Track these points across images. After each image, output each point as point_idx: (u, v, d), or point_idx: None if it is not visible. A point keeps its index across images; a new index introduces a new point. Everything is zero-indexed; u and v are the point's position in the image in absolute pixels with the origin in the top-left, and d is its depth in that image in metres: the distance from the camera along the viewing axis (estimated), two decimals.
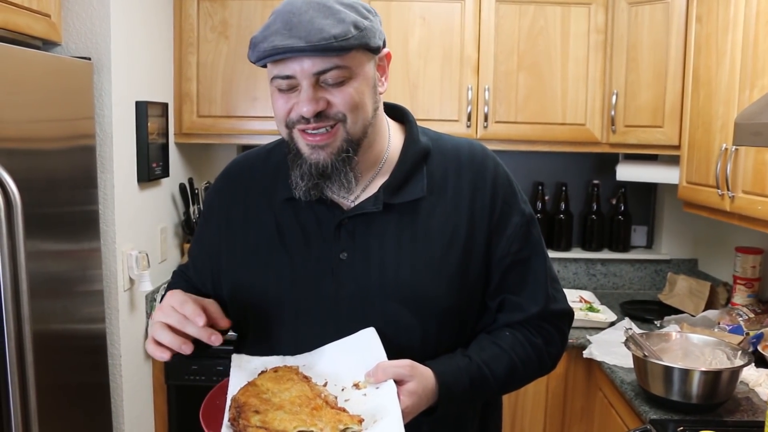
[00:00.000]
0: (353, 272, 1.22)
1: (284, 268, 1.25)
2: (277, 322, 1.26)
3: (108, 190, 2.30)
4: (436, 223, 1.24)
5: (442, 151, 1.30)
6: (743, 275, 2.76)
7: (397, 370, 1.11)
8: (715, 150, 2.35)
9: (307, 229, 1.25)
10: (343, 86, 1.14)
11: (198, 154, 3.22)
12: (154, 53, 2.67)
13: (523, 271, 1.29)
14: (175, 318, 1.12)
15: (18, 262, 1.68)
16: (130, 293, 2.45)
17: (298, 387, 1.10)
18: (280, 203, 1.27)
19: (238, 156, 1.43)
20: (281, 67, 1.13)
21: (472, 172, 1.29)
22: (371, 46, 1.15)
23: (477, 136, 2.90)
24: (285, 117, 1.17)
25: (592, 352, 2.47)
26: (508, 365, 1.24)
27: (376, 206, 1.23)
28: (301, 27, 1.09)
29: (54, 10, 2.07)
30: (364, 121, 1.19)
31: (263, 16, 2.85)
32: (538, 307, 1.28)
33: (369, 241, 1.23)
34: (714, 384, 1.92)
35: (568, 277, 3.38)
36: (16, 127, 1.78)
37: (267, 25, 1.13)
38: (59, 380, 2.01)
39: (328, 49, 1.09)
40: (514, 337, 1.27)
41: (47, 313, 1.94)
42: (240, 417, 1.04)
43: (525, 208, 1.32)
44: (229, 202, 1.34)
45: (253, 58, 1.15)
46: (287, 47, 1.09)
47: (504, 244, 1.27)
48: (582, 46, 2.89)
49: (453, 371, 1.18)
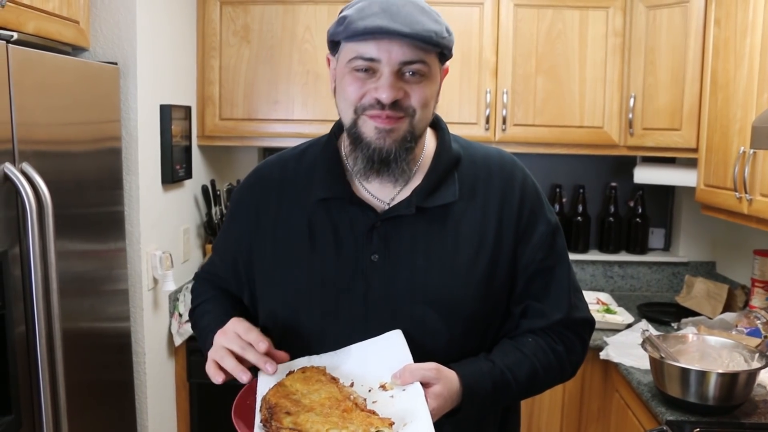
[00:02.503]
0: (384, 274, 1.24)
1: (314, 268, 1.27)
2: (305, 322, 1.28)
3: (133, 191, 2.36)
4: (466, 228, 1.27)
5: (473, 159, 1.33)
6: (761, 278, 2.76)
7: (424, 372, 1.13)
8: (732, 153, 2.36)
9: (340, 230, 1.27)
10: (420, 83, 1.19)
11: (220, 156, 3.27)
12: (177, 57, 2.73)
13: (548, 279, 1.31)
14: (238, 344, 1.16)
15: (48, 262, 1.73)
16: (154, 292, 2.50)
17: (327, 388, 1.12)
18: (314, 203, 1.29)
19: (271, 156, 1.44)
20: (369, 49, 1.16)
21: (502, 181, 1.31)
22: (450, 54, 1.23)
23: (495, 139, 2.93)
24: (357, 101, 1.20)
25: (608, 354, 2.49)
26: (530, 371, 1.26)
27: (408, 209, 1.25)
28: (401, 16, 1.14)
29: (83, 16, 2.13)
30: (426, 121, 1.25)
31: (284, 20, 2.89)
32: (560, 314, 1.30)
33: (400, 244, 1.25)
34: (731, 386, 1.93)
35: (585, 279, 3.39)
36: (47, 130, 1.83)
37: (361, 8, 1.17)
38: (86, 377, 2.06)
39: (428, 42, 1.15)
40: (537, 344, 1.28)
41: (75, 312, 1.99)
42: (272, 418, 1.05)
43: (551, 217, 1.34)
44: (260, 199, 1.36)
45: (344, 34, 1.18)
46: (391, 29, 1.13)
47: (530, 252, 1.29)
48: (600, 49, 2.90)
49: (477, 375, 1.20)
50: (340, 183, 1.29)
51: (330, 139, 1.37)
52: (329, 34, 1.24)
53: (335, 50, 1.26)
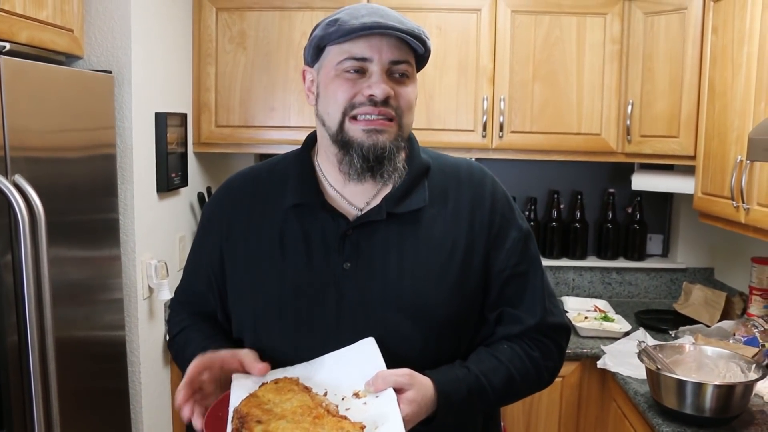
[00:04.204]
0: (356, 282, 1.25)
1: (286, 277, 1.27)
2: (277, 332, 1.28)
3: (128, 200, 2.35)
4: (437, 234, 1.28)
5: (442, 168, 1.36)
6: (759, 285, 2.76)
7: (397, 378, 1.14)
8: (730, 161, 2.35)
9: (311, 238, 1.28)
10: (406, 84, 1.24)
11: (216, 163, 3.26)
12: (173, 64, 2.72)
13: (521, 284, 1.32)
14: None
15: (41, 274, 1.72)
16: (149, 301, 2.49)
17: (299, 397, 1.12)
18: (285, 212, 1.30)
19: (242, 169, 1.46)
20: (361, 48, 1.20)
21: (471, 188, 1.33)
22: (426, 61, 1.30)
23: (492, 146, 2.92)
24: (347, 101, 1.22)
25: (606, 363, 2.48)
26: (505, 377, 1.27)
27: (379, 215, 1.26)
28: (391, 17, 1.22)
29: (77, 25, 2.12)
30: (410, 125, 1.29)
31: (281, 27, 2.88)
32: (535, 319, 1.31)
33: (372, 251, 1.26)
34: (728, 397, 1.92)
35: (583, 285, 3.38)
36: (40, 137, 1.82)
37: (350, 12, 1.23)
38: (80, 386, 2.05)
39: (418, 38, 1.22)
40: (513, 350, 1.29)
41: (69, 321, 1.98)
42: (243, 428, 1.06)
43: (522, 223, 1.36)
44: (230, 210, 1.37)
45: (338, 34, 1.21)
46: (388, 24, 1.19)
47: (503, 257, 1.31)
48: (597, 56, 2.89)
49: (452, 381, 1.21)
50: (312, 190, 1.30)
51: (303, 149, 1.38)
52: (317, 39, 1.25)
53: (316, 58, 1.28)
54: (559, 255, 3.37)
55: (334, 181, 1.31)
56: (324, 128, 1.27)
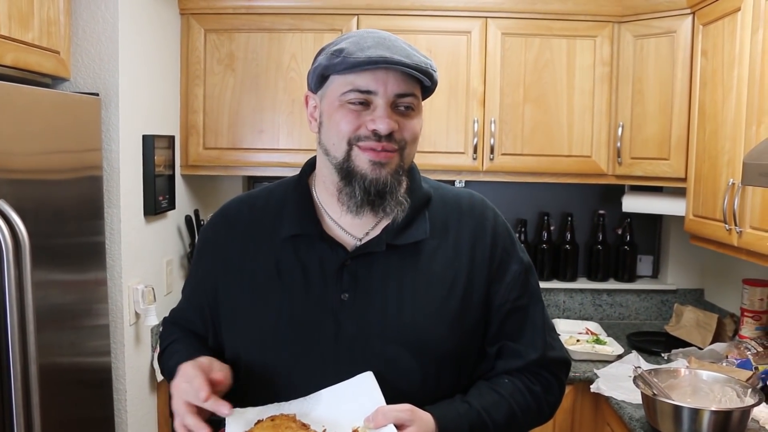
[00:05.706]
0: (354, 314, 1.22)
1: (283, 308, 1.24)
2: (273, 364, 1.24)
3: (114, 224, 2.30)
4: (438, 266, 1.26)
5: (444, 199, 1.33)
6: (751, 307, 2.75)
7: (398, 414, 1.11)
8: (721, 184, 2.34)
9: (309, 269, 1.25)
10: (410, 117, 1.22)
11: (204, 185, 3.23)
12: (161, 86, 2.69)
13: (522, 318, 1.31)
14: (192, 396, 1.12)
15: (25, 299, 1.68)
16: (135, 327, 2.44)
17: None
18: (282, 241, 1.27)
19: (238, 195, 1.43)
20: (366, 81, 1.17)
21: (473, 220, 1.31)
22: (432, 90, 1.26)
23: (483, 168, 2.91)
24: (351, 132, 1.19)
25: (599, 387, 2.45)
26: (507, 412, 1.24)
27: (379, 246, 1.24)
28: (398, 49, 1.18)
29: (63, 47, 2.09)
30: (412, 156, 1.26)
31: (270, 48, 2.87)
32: (536, 354, 1.30)
33: (371, 282, 1.23)
34: (725, 423, 1.90)
35: (574, 307, 3.37)
36: (24, 159, 1.78)
37: (355, 41, 1.18)
38: (64, 414, 1.99)
39: (425, 72, 1.18)
40: (514, 385, 1.27)
41: (54, 347, 1.93)
42: None
43: (523, 257, 1.34)
44: (226, 238, 1.34)
45: (342, 66, 1.17)
46: (394, 59, 1.15)
47: (503, 291, 1.29)
48: (588, 79, 2.90)
49: (453, 416, 1.18)
50: (310, 219, 1.28)
51: (301, 176, 1.35)
52: (321, 68, 1.22)
53: (320, 85, 1.25)
54: (550, 277, 3.35)
55: (332, 211, 1.29)
56: (327, 157, 1.24)
